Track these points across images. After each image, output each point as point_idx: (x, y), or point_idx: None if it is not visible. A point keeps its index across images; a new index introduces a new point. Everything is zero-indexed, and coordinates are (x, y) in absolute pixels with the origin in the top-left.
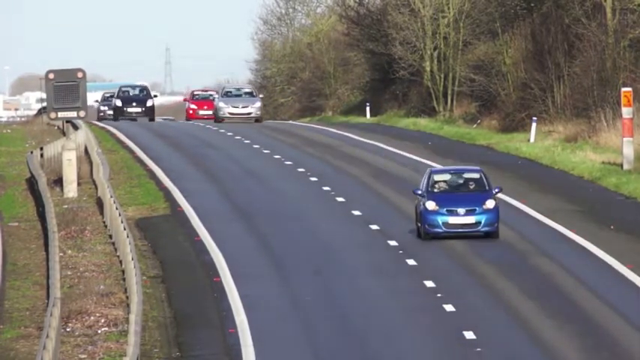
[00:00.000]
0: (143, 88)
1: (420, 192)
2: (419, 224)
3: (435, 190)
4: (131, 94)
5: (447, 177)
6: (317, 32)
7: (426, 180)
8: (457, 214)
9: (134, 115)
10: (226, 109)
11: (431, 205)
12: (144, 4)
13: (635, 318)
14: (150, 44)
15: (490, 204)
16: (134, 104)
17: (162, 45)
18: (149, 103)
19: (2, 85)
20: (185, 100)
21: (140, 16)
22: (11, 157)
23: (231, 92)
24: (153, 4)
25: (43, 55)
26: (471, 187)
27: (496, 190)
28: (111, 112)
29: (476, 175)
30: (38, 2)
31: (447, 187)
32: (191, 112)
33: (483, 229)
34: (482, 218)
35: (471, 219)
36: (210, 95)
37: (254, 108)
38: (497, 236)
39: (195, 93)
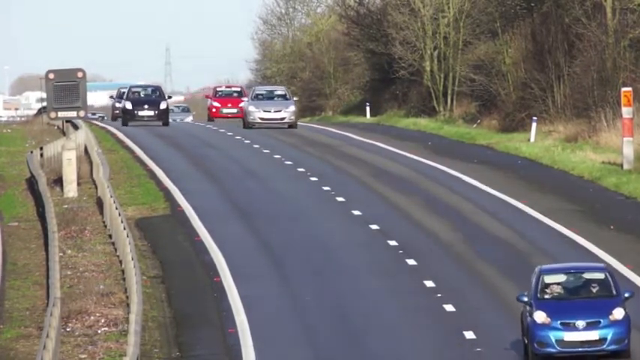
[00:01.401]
0: (156, 89)
1: (525, 298)
2: (525, 340)
3: (547, 297)
4: (142, 95)
5: (561, 278)
6: (317, 32)
7: (534, 282)
8: (575, 329)
9: (146, 119)
10: (257, 113)
11: (540, 316)
12: (144, 4)
13: (635, 318)
14: (150, 44)
15: (618, 314)
16: (146, 107)
17: (162, 45)
18: (162, 106)
19: (2, 85)
20: (207, 97)
21: (140, 16)
22: (11, 156)
23: (262, 95)
24: (153, 4)
25: (43, 55)
26: (594, 290)
27: (626, 295)
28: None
29: (600, 276)
30: (38, 2)
31: (561, 292)
32: (214, 110)
33: (609, 348)
34: (609, 333)
35: (593, 334)
36: (235, 92)
37: (288, 112)
38: (629, 356)
39: (219, 89)
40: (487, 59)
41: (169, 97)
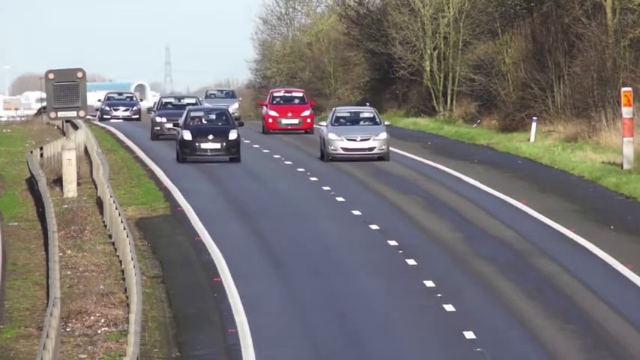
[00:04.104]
0: (222, 113)
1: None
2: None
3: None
4: (206, 120)
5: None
6: (317, 32)
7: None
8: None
9: (210, 154)
10: (338, 142)
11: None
12: (144, 4)
13: (635, 318)
14: (150, 44)
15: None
16: (210, 137)
17: (162, 45)
18: (232, 135)
19: (2, 84)
20: (262, 104)
21: (140, 16)
22: (11, 156)
23: (344, 118)
24: (153, 4)
25: (43, 55)
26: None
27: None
28: (169, 125)
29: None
30: (38, 2)
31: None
32: (270, 120)
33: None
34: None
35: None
36: (297, 97)
37: (378, 141)
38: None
39: (276, 94)
40: (487, 59)
41: (240, 124)
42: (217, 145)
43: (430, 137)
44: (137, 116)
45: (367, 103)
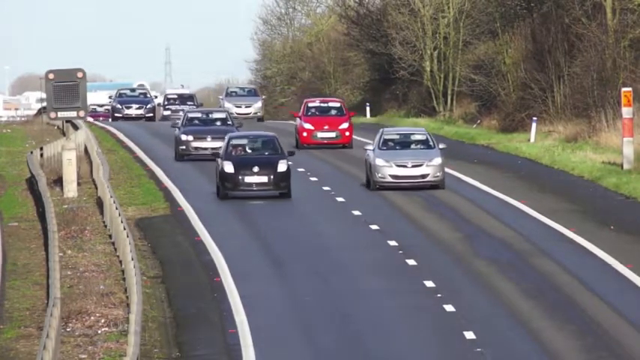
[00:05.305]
0: (269, 140)
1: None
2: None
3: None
4: (250, 149)
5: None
6: (317, 32)
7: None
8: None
9: (255, 188)
10: (387, 169)
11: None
12: (144, 4)
13: (635, 318)
14: (150, 44)
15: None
16: (256, 169)
17: (162, 45)
18: (281, 167)
19: (2, 85)
20: (296, 115)
21: (140, 16)
22: (11, 157)
23: (394, 141)
24: (153, 4)
25: (43, 55)
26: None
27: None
28: (197, 143)
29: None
30: (38, 2)
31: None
32: (305, 134)
33: None
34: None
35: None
36: (334, 108)
37: (432, 167)
38: None
39: (311, 104)
40: (487, 59)
41: (291, 154)
42: (264, 179)
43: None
44: (151, 114)
45: (367, 104)
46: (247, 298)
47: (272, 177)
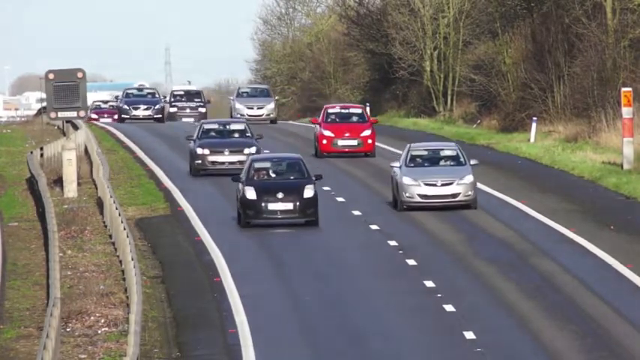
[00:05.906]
0: (294, 162)
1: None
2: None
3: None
4: (274, 173)
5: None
6: (317, 32)
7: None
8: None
9: (280, 216)
10: (415, 188)
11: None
12: (144, 4)
13: (635, 318)
14: (150, 44)
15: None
16: (280, 196)
17: (162, 45)
18: (308, 193)
19: (2, 85)
20: (314, 122)
21: (140, 16)
22: (11, 157)
23: (422, 157)
24: (153, 4)
25: (43, 55)
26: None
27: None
28: (214, 157)
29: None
30: (38, 2)
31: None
32: (325, 142)
33: None
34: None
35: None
36: (355, 114)
37: (463, 185)
38: None
39: (330, 111)
40: (487, 59)
41: (318, 177)
42: (289, 206)
43: (430, 138)
44: (160, 116)
45: (367, 104)
46: (247, 298)
47: (298, 204)
